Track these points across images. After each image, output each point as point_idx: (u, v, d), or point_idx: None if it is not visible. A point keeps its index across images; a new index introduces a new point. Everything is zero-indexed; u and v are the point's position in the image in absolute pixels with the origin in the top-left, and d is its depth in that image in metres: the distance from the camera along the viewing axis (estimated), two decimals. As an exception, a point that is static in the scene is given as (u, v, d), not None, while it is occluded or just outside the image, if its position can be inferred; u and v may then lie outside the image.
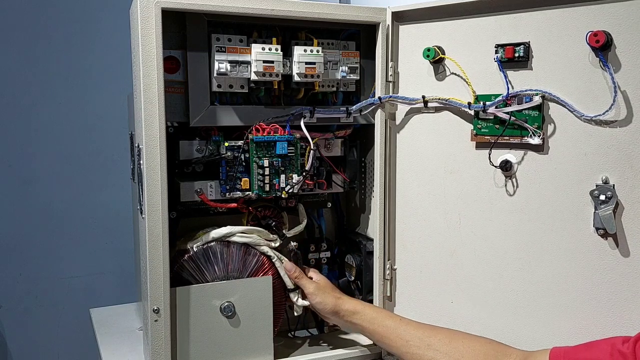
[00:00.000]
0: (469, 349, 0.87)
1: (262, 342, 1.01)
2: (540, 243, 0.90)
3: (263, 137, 0.99)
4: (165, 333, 0.92)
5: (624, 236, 0.82)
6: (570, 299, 0.88)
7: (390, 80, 1.05)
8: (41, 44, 1.80)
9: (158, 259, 0.90)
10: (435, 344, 0.89)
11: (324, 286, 1.04)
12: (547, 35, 0.88)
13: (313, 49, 0.99)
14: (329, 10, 0.99)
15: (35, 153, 1.82)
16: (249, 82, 0.98)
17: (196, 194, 0.99)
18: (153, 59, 0.87)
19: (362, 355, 1.07)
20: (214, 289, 0.97)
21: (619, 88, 0.81)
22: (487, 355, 0.85)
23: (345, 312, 1.00)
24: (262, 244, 1.02)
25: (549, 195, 0.89)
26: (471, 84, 0.96)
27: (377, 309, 1.02)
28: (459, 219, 1.00)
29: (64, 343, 1.90)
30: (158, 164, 0.89)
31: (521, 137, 0.91)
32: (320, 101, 1.07)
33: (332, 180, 1.10)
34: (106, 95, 1.87)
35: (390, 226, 1.08)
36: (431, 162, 1.02)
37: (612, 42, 0.81)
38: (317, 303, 1.01)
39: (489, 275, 0.96)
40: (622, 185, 0.82)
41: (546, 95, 0.88)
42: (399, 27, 1.04)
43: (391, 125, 1.07)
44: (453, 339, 0.89)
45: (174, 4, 0.89)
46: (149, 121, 0.88)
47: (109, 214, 1.92)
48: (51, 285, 1.87)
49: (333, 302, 1.01)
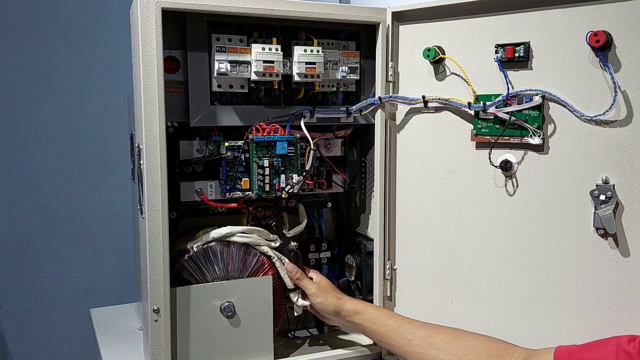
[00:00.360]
0: (471, 347, 0.86)
1: (262, 342, 1.01)
2: (540, 243, 0.90)
3: (263, 137, 0.99)
4: (165, 333, 0.92)
5: (624, 236, 0.82)
6: (570, 299, 0.88)
7: (390, 80, 1.05)
8: (41, 44, 1.80)
9: (158, 259, 0.90)
10: (438, 343, 0.89)
11: (325, 287, 1.04)
12: (547, 35, 0.88)
13: (313, 49, 0.99)
14: (329, 10, 0.99)
15: (35, 153, 1.82)
16: (249, 82, 0.98)
17: (196, 194, 0.99)
18: (153, 59, 0.87)
19: (362, 355, 1.07)
20: (214, 289, 0.97)
21: (619, 88, 0.81)
22: (489, 353, 0.85)
23: (347, 313, 1.00)
24: (262, 244, 1.02)
25: (549, 195, 0.89)
26: (471, 84, 0.96)
27: (378, 308, 1.02)
28: (459, 219, 1.00)
29: (64, 343, 1.90)
30: (158, 164, 0.89)
31: (521, 137, 0.91)
32: (320, 101, 1.07)
33: (332, 180, 1.10)
34: (106, 95, 1.87)
35: (390, 226, 1.08)
36: (431, 162, 1.02)
37: (612, 42, 0.81)
38: (319, 304, 1.01)
39: (489, 275, 0.96)
40: (622, 185, 0.82)
41: (546, 95, 0.88)
42: (399, 27, 1.04)
43: (391, 125, 1.07)
44: (455, 337, 0.89)
45: (174, 4, 0.89)
46: (149, 121, 0.88)
47: (109, 214, 1.92)
48: (51, 285, 1.87)
49: (335, 303, 1.01)
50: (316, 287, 1.02)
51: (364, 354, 1.07)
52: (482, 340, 0.87)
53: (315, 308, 1.03)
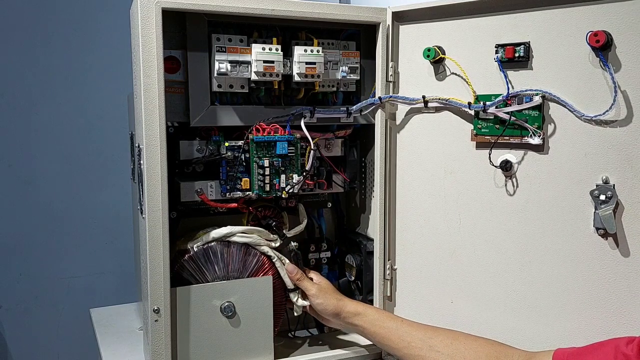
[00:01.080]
0: (471, 350, 0.87)
1: (262, 342, 1.01)
2: (541, 243, 0.90)
3: (263, 137, 0.99)
4: (165, 333, 0.92)
5: (624, 236, 0.82)
6: (570, 299, 0.88)
7: (390, 80, 1.05)
8: (41, 44, 1.80)
9: (158, 259, 0.90)
10: (437, 345, 0.89)
11: (325, 288, 1.04)
12: (547, 35, 0.88)
13: (313, 49, 0.99)
14: (329, 10, 0.99)
15: (35, 153, 1.82)
16: (249, 82, 0.98)
17: (196, 194, 0.99)
18: (153, 59, 0.87)
19: (362, 356, 1.07)
20: (214, 289, 0.97)
21: (619, 88, 0.81)
22: (489, 356, 0.85)
23: (347, 314, 1.00)
24: (263, 244, 1.02)
25: (549, 195, 0.89)
26: (471, 84, 0.96)
27: (378, 310, 1.02)
28: (459, 219, 1.00)
29: (64, 343, 1.90)
30: (158, 164, 0.89)
31: (521, 137, 0.91)
32: (321, 101, 1.07)
33: (332, 180, 1.10)
34: (106, 95, 1.87)
35: (390, 226, 1.08)
36: (431, 162, 1.02)
37: (612, 42, 0.81)
38: (319, 304, 1.02)
39: (489, 275, 0.96)
40: (622, 185, 0.82)
41: (546, 95, 0.88)
42: (399, 27, 1.04)
43: (391, 125, 1.07)
44: (455, 340, 0.89)
45: (174, 4, 0.89)
46: (149, 121, 0.88)
47: (109, 214, 1.92)
48: (51, 285, 1.87)
49: (334, 304, 1.01)
50: (316, 289, 1.02)
51: (364, 354, 1.07)
52: (481, 343, 0.87)
53: (315, 309, 1.03)
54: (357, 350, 1.07)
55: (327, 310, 1.01)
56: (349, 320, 1.00)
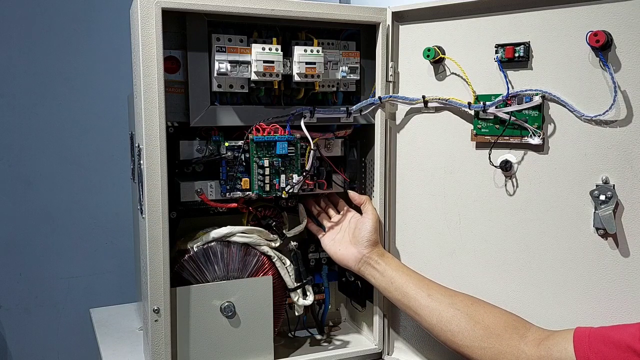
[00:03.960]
0: (490, 314, 0.88)
1: (262, 342, 1.01)
2: (540, 243, 0.91)
3: (263, 137, 0.99)
4: (165, 333, 0.92)
5: (624, 236, 0.83)
6: (570, 299, 0.88)
7: (390, 80, 1.05)
8: (41, 44, 1.80)
9: (158, 259, 0.90)
10: (457, 304, 0.91)
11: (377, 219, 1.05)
12: (547, 35, 0.88)
13: (313, 49, 0.99)
14: (329, 10, 0.99)
15: (35, 153, 1.82)
16: (249, 82, 0.98)
17: (196, 194, 0.99)
18: (153, 59, 0.87)
19: (362, 356, 1.07)
20: (214, 289, 0.97)
21: (619, 88, 0.81)
22: (507, 323, 0.86)
23: (378, 251, 1.02)
24: (263, 244, 1.02)
25: (549, 195, 0.89)
26: (471, 84, 0.96)
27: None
28: (459, 219, 1.00)
29: (64, 343, 1.91)
30: (158, 164, 0.89)
31: (521, 137, 0.91)
32: (321, 101, 1.07)
33: (332, 180, 1.10)
34: (106, 95, 1.87)
35: (390, 226, 1.08)
36: (431, 162, 1.02)
37: (612, 42, 0.81)
38: (368, 226, 1.02)
39: (489, 275, 0.96)
40: (622, 185, 0.82)
41: (546, 95, 0.88)
42: (399, 27, 1.04)
43: (391, 125, 1.07)
44: (475, 302, 0.91)
45: (174, 4, 0.89)
46: (149, 121, 0.88)
47: (109, 214, 1.92)
48: (51, 285, 1.88)
49: (376, 237, 1.03)
50: (376, 216, 1.04)
51: (364, 354, 1.07)
52: (501, 311, 0.89)
53: (359, 232, 1.03)
54: (357, 350, 1.07)
55: (370, 240, 1.02)
56: (375, 259, 1.01)
